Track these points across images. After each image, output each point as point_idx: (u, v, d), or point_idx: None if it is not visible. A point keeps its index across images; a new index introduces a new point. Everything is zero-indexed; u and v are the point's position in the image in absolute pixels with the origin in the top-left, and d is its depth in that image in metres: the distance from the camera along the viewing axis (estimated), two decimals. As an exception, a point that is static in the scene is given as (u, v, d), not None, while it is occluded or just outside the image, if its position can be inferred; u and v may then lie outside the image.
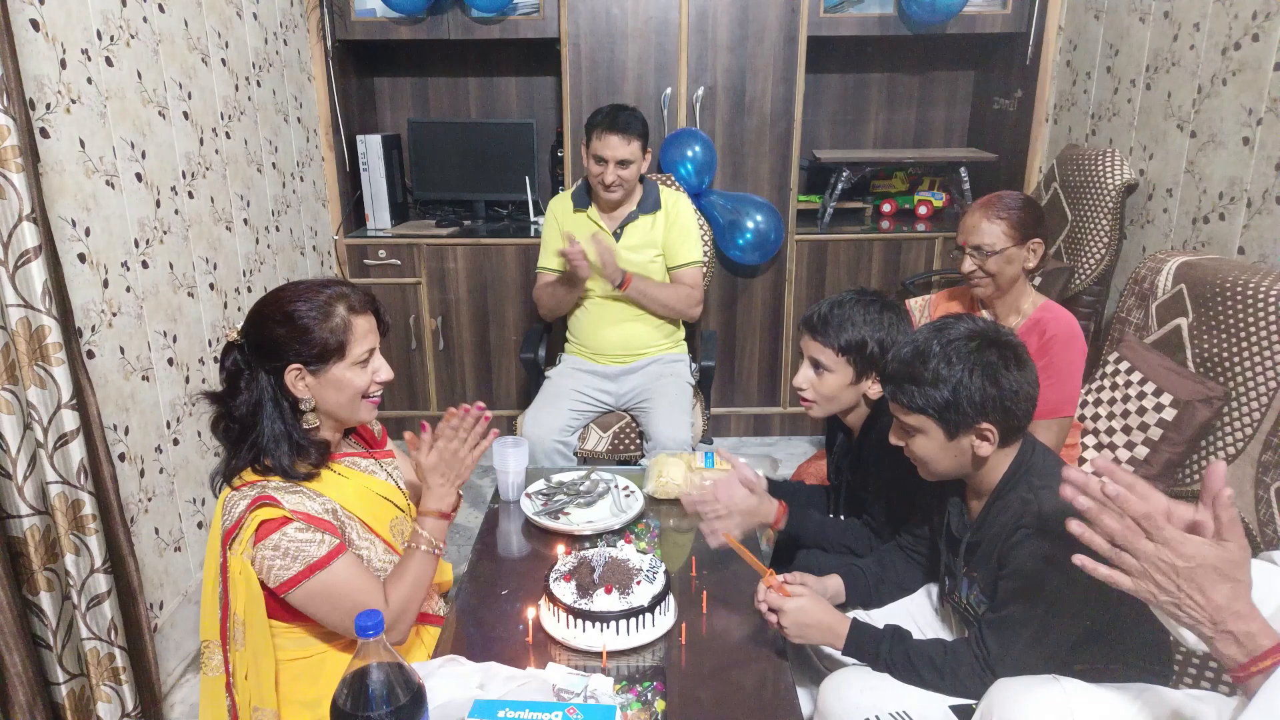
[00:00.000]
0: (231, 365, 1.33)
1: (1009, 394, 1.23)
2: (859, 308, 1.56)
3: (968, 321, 1.30)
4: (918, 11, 2.94)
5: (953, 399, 1.24)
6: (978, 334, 1.27)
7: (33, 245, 1.47)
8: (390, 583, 1.35)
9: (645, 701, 1.25)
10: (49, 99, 1.70)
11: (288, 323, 1.29)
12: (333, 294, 1.33)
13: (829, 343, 1.55)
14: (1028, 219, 1.89)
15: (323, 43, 3.06)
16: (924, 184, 3.57)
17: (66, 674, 1.63)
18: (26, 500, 1.53)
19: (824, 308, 1.58)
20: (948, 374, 1.23)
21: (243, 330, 1.33)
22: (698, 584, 1.56)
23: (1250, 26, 2.06)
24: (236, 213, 2.48)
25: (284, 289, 1.34)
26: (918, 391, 1.26)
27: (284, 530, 1.25)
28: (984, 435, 1.26)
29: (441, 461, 1.41)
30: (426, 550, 1.38)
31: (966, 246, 1.91)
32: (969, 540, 1.35)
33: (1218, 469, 0.90)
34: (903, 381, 1.28)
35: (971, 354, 1.24)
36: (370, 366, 1.36)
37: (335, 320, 1.31)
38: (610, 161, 2.38)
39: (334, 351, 1.31)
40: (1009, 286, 1.92)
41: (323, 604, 1.28)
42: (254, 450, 1.31)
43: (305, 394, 1.33)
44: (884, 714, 1.28)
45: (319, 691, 1.34)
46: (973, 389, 1.23)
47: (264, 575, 1.26)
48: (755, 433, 3.49)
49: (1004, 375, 1.23)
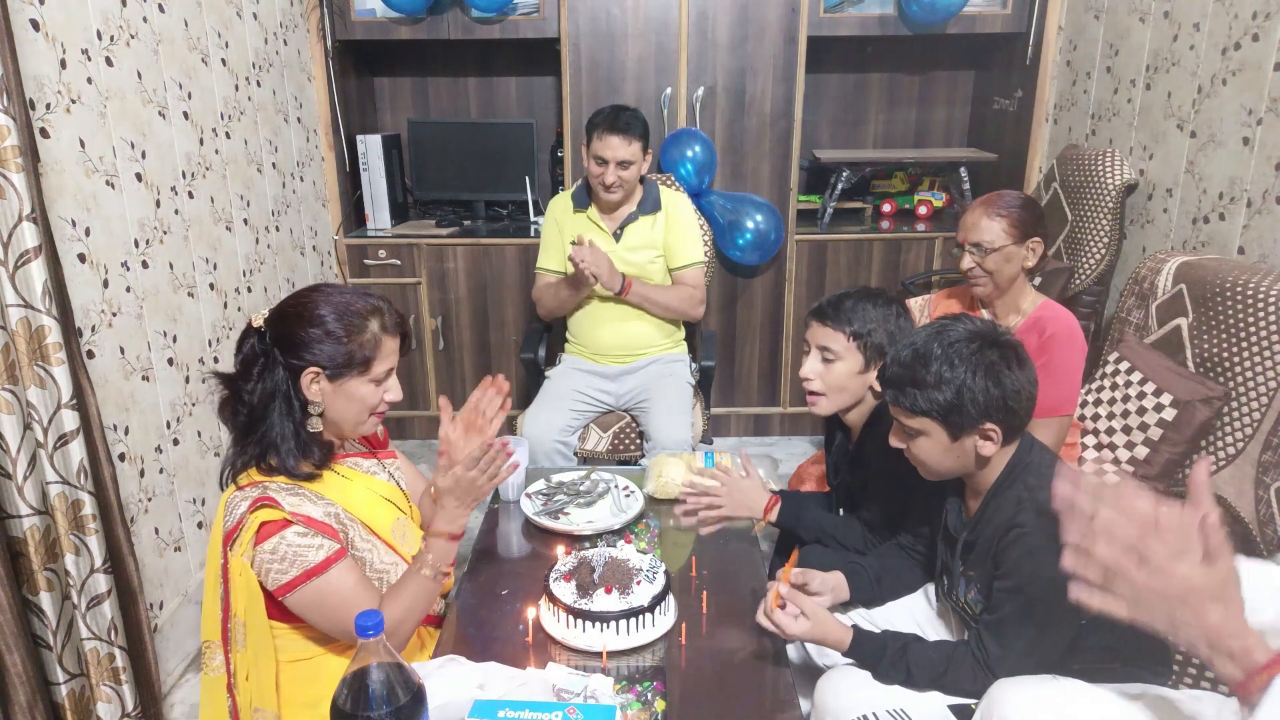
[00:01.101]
0: (249, 350, 1.32)
1: (1011, 394, 1.24)
2: (867, 299, 1.59)
3: (966, 322, 1.31)
4: (918, 11, 2.94)
5: (956, 401, 1.24)
6: (977, 335, 1.27)
7: (33, 245, 1.47)
8: (388, 599, 1.33)
9: (645, 701, 1.25)
10: (49, 99, 1.70)
11: (319, 325, 1.29)
12: (368, 307, 1.33)
13: (840, 328, 1.56)
14: (1028, 218, 1.89)
15: (323, 43, 3.06)
16: (924, 184, 3.57)
17: (66, 674, 1.63)
18: (26, 500, 1.53)
19: (833, 297, 1.61)
20: (950, 376, 1.24)
21: (269, 319, 1.32)
22: (698, 584, 1.56)
23: (1250, 26, 2.06)
24: (236, 213, 2.48)
25: (320, 290, 1.34)
26: (920, 395, 1.26)
27: (283, 534, 1.25)
28: (988, 435, 1.26)
29: (458, 486, 1.38)
30: (429, 575, 1.34)
31: (966, 244, 1.92)
32: (966, 539, 1.36)
33: (1201, 470, 0.91)
34: (904, 385, 1.28)
35: (973, 355, 1.24)
36: (385, 385, 1.37)
37: (366, 335, 1.31)
38: (611, 162, 2.37)
39: (358, 365, 1.31)
40: (1008, 285, 1.92)
41: (316, 610, 1.28)
42: (260, 446, 1.31)
43: (317, 398, 1.32)
44: (881, 711, 1.28)
45: (319, 692, 1.33)
46: (976, 390, 1.23)
47: (262, 578, 1.26)
48: (755, 433, 3.49)
49: (1006, 375, 1.23)
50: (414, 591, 1.34)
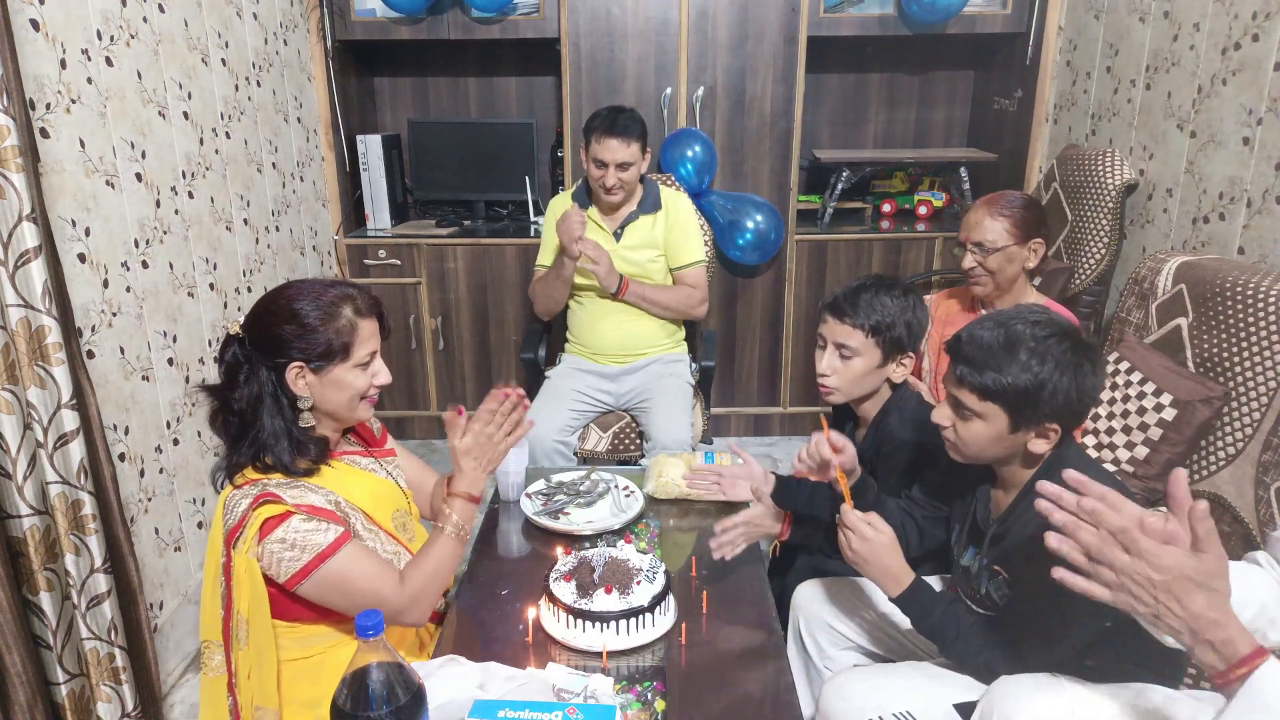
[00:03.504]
0: (231, 359, 1.33)
1: (1087, 398, 1.21)
2: (883, 290, 1.55)
3: (1052, 316, 1.26)
4: (918, 11, 2.94)
5: (1035, 394, 1.19)
6: (1068, 333, 1.23)
7: (32, 245, 1.47)
8: (412, 564, 1.35)
9: (645, 701, 1.25)
10: (49, 99, 1.70)
11: (293, 320, 1.29)
12: (339, 295, 1.33)
13: (858, 324, 1.54)
14: (1031, 218, 1.89)
15: (323, 43, 3.06)
16: (924, 184, 3.57)
17: (67, 674, 1.63)
18: (26, 500, 1.53)
19: (848, 290, 1.56)
20: (1038, 369, 1.19)
21: (245, 324, 1.33)
22: (698, 584, 1.56)
23: (1250, 26, 2.06)
24: (236, 213, 2.48)
25: (290, 286, 1.34)
26: (996, 378, 1.20)
27: (288, 523, 1.25)
28: (1046, 434, 1.23)
29: (475, 445, 1.40)
30: (451, 532, 1.37)
31: (968, 243, 1.91)
32: (995, 532, 1.34)
33: (1177, 476, 0.91)
34: (984, 366, 1.21)
35: (1064, 353, 1.19)
36: (370, 369, 1.37)
37: (341, 321, 1.32)
38: (610, 165, 2.37)
39: (338, 352, 1.32)
40: (1009, 286, 1.92)
41: (335, 591, 1.28)
42: (254, 447, 1.31)
43: (305, 392, 1.33)
44: (887, 714, 1.27)
45: (319, 691, 1.33)
46: (1059, 388, 1.18)
47: (273, 570, 1.25)
48: (755, 433, 3.49)
49: (1088, 379, 1.20)
50: (439, 552, 1.36)
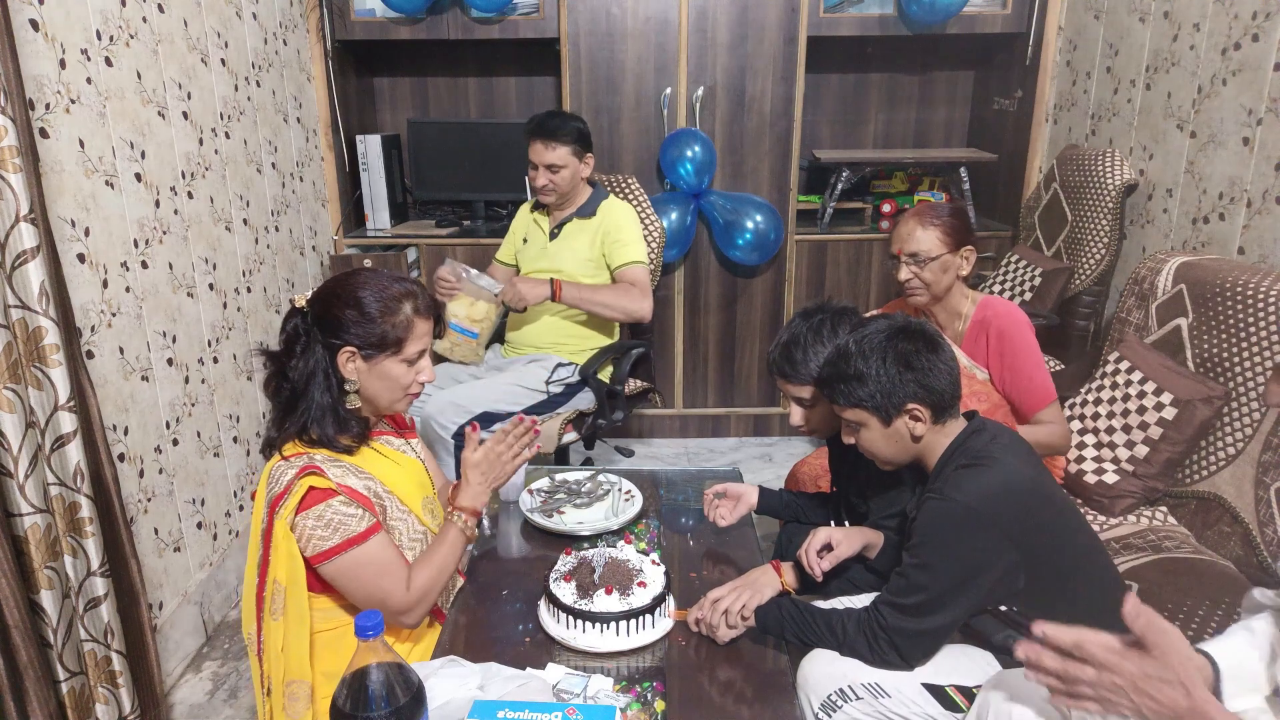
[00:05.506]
0: (292, 330, 1.39)
1: (925, 373, 1.32)
2: (810, 335, 1.53)
3: (884, 319, 1.39)
4: (918, 11, 2.94)
5: (875, 388, 1.33)
6: (889, 328, 1.37)
7: (30, 246, 1.47)
8: (418, 566, 1.39)
9: (645, 701, 1.25)
10: (48, 99, 1.70)
11: (355, 307, 1.36)
12: (402, 290, 1.40)
13: (803, 380, 1.55)
14: (960, 226, 1.91)
15: (322, 43, 3.06)
16: (924, 184, 3.56)
17: (68, 672, 1.63)
18: (28, 499, 1.53)
19: (779, 352, 1.56)
20: (865, 367, 1.33)
21: (310, 300, 1.39)
22: (698, 584, 1.56)
23: (1250, 26, 2.06)
24: (236, 213, 2.48)
25: (358, 274, 1.42)
26: (845, 388, 1.36)
27: (329, 502, 1.30)
28: (915, 416, 1.34)
29: (485, 460, 1.49)
30: (459, 528, 1.44)
31: (902, 255, 1.91)
32: (910, 518, 1.39)
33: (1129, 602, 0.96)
34: (833, 382, 1.38)
35: (883, 344, 1.34)
36: (417, 366, 1.43)
37: (399, 317, 1.38)
38: (540, 166, 2.43)
39: (390, 345, 1.38)
40: (944, 294, 1.94)
41: (351, 578, 1.32)
42: (301, 420, 1.37)
43: (353, 376, 1.38)
44: (856, 684, 1.31)
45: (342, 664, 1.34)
46: (890, 376, 1.32)
47: (302, 543, 1.30)
48: (755, 433, 3.49)
49: (916, 358, 1.32)
50: (444, 552, 1.42)
